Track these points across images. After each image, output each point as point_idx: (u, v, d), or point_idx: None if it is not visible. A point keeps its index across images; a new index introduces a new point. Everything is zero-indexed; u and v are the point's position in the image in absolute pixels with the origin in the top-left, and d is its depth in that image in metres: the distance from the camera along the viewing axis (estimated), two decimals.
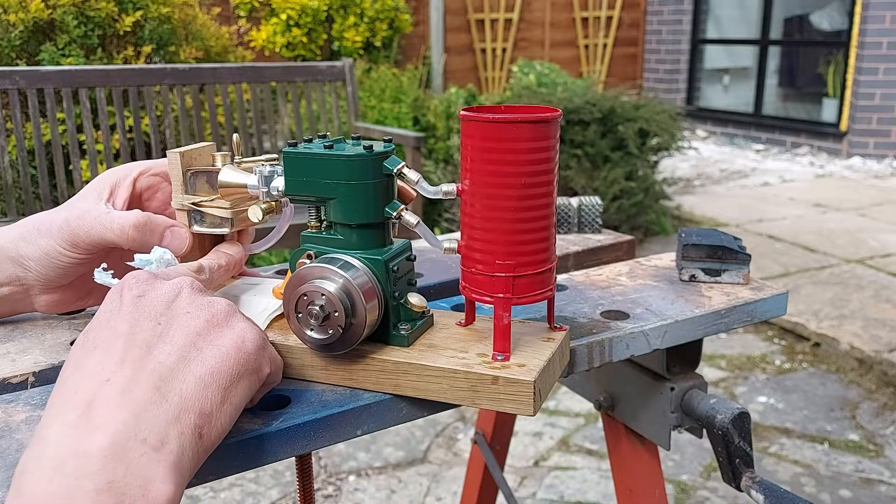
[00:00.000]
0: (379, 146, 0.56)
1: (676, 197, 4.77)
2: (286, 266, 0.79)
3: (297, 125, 3.46)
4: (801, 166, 6.00)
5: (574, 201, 0.98)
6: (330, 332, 0.54)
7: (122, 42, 3.47)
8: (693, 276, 0.80)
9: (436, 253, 0.88)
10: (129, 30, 3.39)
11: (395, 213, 0.56)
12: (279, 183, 0.58)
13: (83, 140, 3.11)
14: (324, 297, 0.53)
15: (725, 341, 2.91)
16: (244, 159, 0.63)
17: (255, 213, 0.60)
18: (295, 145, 0.56)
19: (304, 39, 5.37)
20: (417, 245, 0.82)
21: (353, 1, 5.45)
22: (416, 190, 0.58)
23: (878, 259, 3.65)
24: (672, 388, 0.78)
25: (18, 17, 3.15)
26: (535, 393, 0.53)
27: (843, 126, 6.28)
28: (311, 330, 0.54)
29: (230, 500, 1.95)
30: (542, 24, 7.34)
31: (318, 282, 0.53)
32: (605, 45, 7.65)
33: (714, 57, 7.77)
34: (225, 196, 0.61)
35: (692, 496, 1.97)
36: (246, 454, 0.51)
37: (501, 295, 0.55)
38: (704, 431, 0.78)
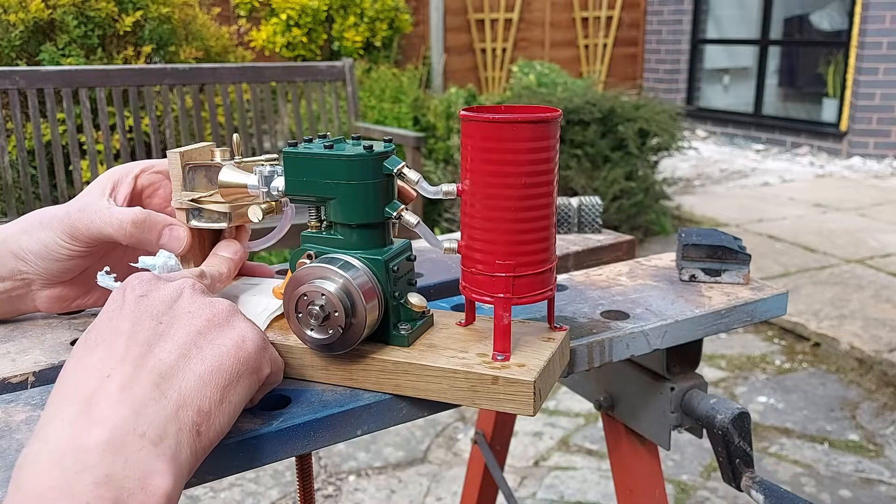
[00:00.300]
0: (379, 146, 0.56)
1: (676, 197, 4.77)
2: (286, 266, 0.79)
3: (297, 125, 3.46)
4: (801, 166, 6.00)
5: (574, 201, 0.98)
6: (330, 332, 0.54)
7: (122, 42, 3.47)
8: (693, 276, 0.80)
9: (436, 253, 0.88)
10: (129, 30, 3.39)
11: (395, 213, 0.56)
12: (279, 183, 0.58)
13: (83, 140, 3.11)
14: (324, 297, 0.53)
15: (725, 341, 2.91)
16: (244, 159, 0.63)
17: (254, 213, 0.60)
18: (295, 145, 0.56)
19: (304, 39, 5.37)
20: (417, 245, 0.82)
21: (353, 1, 5.45)
22: (416, 190, 0.58)
23: (878, 259, 3.65)
24: (672, 388, 0.78)
25: (18, 17, 3.15)
26: (535, 393, 0.53)
27: (843, 126, 6.28)
28: (311, 330, 0.54)
29: (230, 500, 1.95)
30: (542, 24, 7.34)
31: (318, 282, 0.53)
32: (605, 45, 7.65)
33: (714, 57, 7.77)
34: (225, 196, 0.62)
35: (692, 496, 1.97)
36: (246, 454, 0.51)
37: (501, 295, 0.55)
38: (704, 431, 0.78)
